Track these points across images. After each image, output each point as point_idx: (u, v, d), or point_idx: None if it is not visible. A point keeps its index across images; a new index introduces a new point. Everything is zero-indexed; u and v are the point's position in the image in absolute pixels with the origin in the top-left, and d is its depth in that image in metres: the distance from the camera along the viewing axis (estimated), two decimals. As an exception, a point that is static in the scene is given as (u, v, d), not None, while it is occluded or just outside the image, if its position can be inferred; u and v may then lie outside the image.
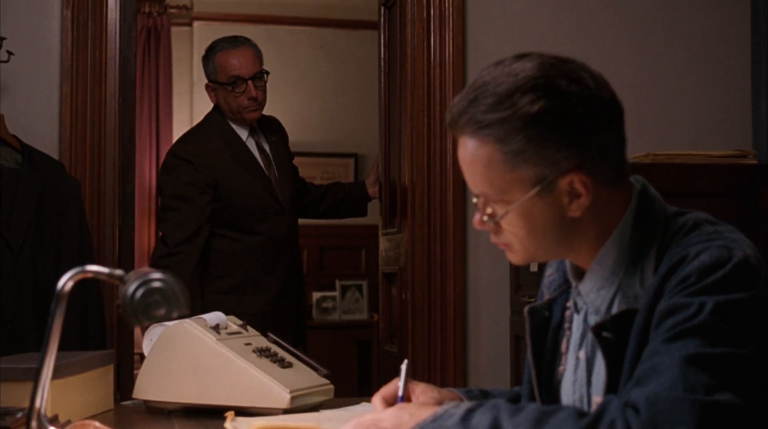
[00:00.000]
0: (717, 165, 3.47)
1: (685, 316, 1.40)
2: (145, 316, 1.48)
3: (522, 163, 1.47)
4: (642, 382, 1.39)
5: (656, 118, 4.01)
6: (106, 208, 3.72)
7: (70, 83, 3.69)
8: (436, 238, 3.87)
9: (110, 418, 2.17)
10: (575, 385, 1.62)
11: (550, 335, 1.69)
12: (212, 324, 2.25)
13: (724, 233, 1.50)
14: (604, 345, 1.53)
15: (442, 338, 3.85)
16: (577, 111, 1.47)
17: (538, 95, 1.46)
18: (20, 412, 1.79)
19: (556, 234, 1.53)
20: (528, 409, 1.41)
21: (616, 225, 1.55)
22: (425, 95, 3.91)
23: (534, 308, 1.71)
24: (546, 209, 1.51)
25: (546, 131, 1.46)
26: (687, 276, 1.44)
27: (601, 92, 1.53)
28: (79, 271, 1.54)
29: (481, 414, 1.43)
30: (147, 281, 1.46)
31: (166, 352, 2.23)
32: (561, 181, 1.48)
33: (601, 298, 1.58)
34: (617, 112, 1.55)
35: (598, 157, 1.50)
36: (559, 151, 1.47)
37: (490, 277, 3.88)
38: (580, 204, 1.50)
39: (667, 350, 1.39)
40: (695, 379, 1.34)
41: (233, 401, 2.12)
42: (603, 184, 1.52)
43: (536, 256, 1.59)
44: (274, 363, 2.21)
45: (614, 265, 1.55)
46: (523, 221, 1.52)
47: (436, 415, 1.47)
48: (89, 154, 3.69)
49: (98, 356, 2.28)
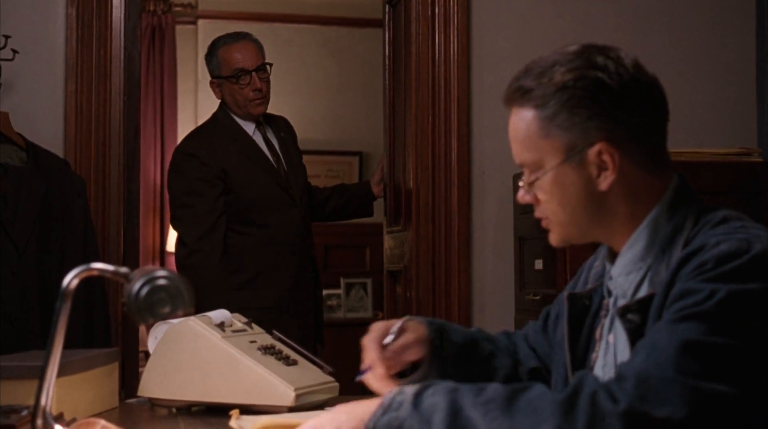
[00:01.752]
0: (722, 163, 3.46)
1: (694, 300, 1.41)
2: (150, 314, 1.49)
3: (554, 129, 1.56)
4: (635, 356, 1.41)
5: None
6: (110, 206, 3.72)
7: (75, 81, 3.69)
8: (441, 237, 3.87)
9: (115, 416, 2.17)
10: (605, 369, 1.64)
11: (587, 322, 1.71)
12: (217, 322, 2.26)
13: (750, 229, 1.52)
14: (628, 327, 1.54)
15: (447, 336, 3.84)
16: (609, 84, 1.55)
17: (575, 66, 1.56)
18: (25, 409, 1.79)
19: (586, 207, 1.59)
20: (492, 388, 1.41)
21: (649, 211, 1.60)
22: (430, 93, 3.91)
23: (574, 295, 1.74)
24: (576, 179, 1.57)
25: (577, 98, 1.55)
26: (704, 262, 1.45)
27: (638, 74, 1.60)
28: (85, 269, 1.54)
29: (433, 396, 1.42)
30: (152, 279, 1.46)
31: (171, 349, 2.23)
32: (590, 151, 1.55)
33: (629, 282, 1.61)
34: (656, 98, 1.63)
35: (629, 135, 1.57)
36: (589, 119, 1.55)
37: (494, 275, 3.88)
38: (607, 176, 1.56)
39: (669, 330, 1.40)
40: (689, 364, 1.34)
41: (238, 399, 2.13)
42: (634, 164, 1.58)
43: (570, 232, 1.64)
44: (279, 361, 2.22)
45: (644, 250, 1.59)
46: (555, 190, 1.59)
47: (384, 406, 1.46)
48: (94, 152, 3.69)
49: (103, 354, 2.29)
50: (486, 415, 1.36)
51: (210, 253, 3.76)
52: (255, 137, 3.98)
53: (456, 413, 1.38)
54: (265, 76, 3.96)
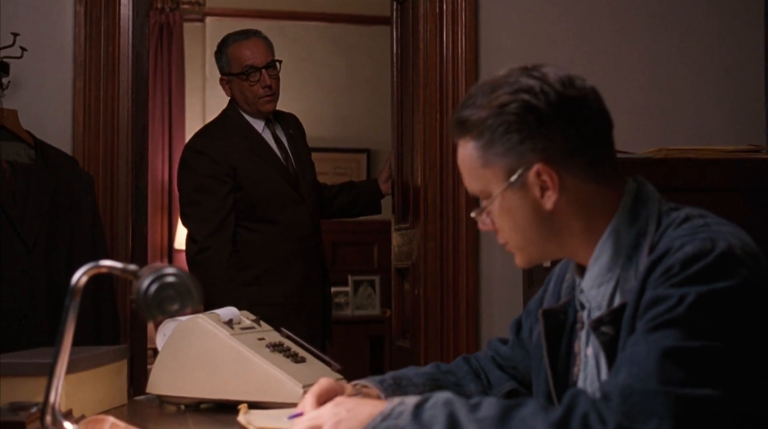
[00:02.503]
0: (730, 160, 3.45)
1: (665, 307, 1.41)
2: (159, 311, 1.49)
3: (493, 157, 1.56)
4: (617, 372, 1.40)
5: (669, 113, 4.00)
6: (119, 203, 3.72)
7: (83, 79, 3.70)
8: (449, 234, 3.87)
9: (124, 412, 2.18)
10: (586, 383, 1.63)
11: (565, 337, 1.70)
12: (225, 319, 2.26)
13: (713, 226, 1.51)
14: (602, 340, 1.53)
15: (455, 334, 3.85)
16: (536, 104, 1.54)
17: (507, 91, 1.56)
18: (35, 406, 1.79)
19: (538, 228, 1.59)
20: (487, 403, 1.40)
21: (608, 222, 1.59)
22: (438, 91, 3.91)
23: (548, 310, 1.72)
24: (522, 203, 1.58)
25: (507, 124, 1.54)
26: (670, 267, 1.45)
27: (565, 89, 1.57)
28: (94, 266, 1.54)
29: (432, 409, 1.42)
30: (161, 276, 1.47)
31: (180, 347, 2.23)
32: (528, 173, 1.55)
33: (601, 294, 1.60)
34: (590, 110, 1.59)
35: (565, 152, 1.56)
36: (521, 142, 1.54)
37: (502, 272, 3.87)
38: (550, 196, 1.56)
39: (646, 341, 1.39)
40: (671, 373, 1.34)
41: (246, 396, 2.13)
42: (577, 178, 1.57)
43: (531, 254, 1.64)
44: (287, 358, 2.22)
45: (610, 261, 1.58)
46: (505, 216, 1.60)
47: (384, 414, 1.46)
48: (102, 149, 3.70)
49: (112, 351, 2.29)
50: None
51: (219, 250, 3.77)
52: (264, 134, 3.99)
53: (454, 427, 1.39)
54: (274, 73, 3.97)
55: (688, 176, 3.29)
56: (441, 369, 1.94)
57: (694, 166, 3.35)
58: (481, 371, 1.96)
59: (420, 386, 1.85)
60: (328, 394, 1.68)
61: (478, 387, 1.91)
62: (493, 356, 1.98)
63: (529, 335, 1.86)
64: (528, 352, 1.88)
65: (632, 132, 3.79)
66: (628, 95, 3.96)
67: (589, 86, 1.61)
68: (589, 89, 1.61)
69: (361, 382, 1.85)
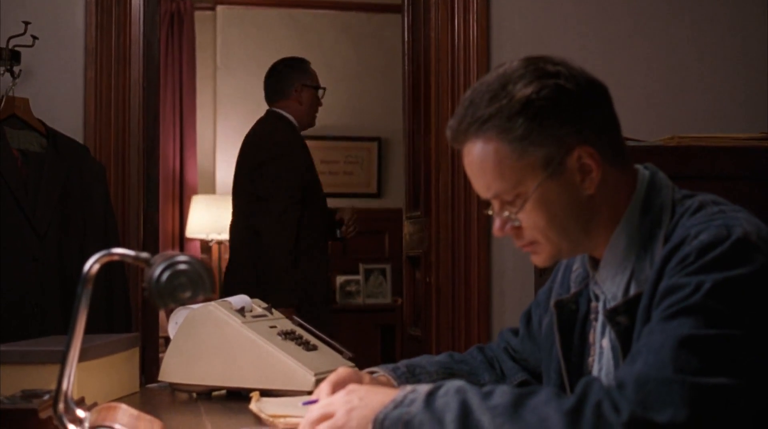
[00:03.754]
0: (742, 148, 3.43)
1: (681, 295, 1.40)
2: (171, 299, 1.49)
3: (528, 148, 1.52)
4: (632, 360, 1.38)
5: (681, 100, 3.98)
6: (130, 192, 3.73)
7: (95, 67, 3.70)
8: (461, 222, 3.87)
9: (136, 400, 2.18)
10: (602, 374, 1.62)
11: (577, 327, 1.69)
12: (237, 307, 2.26)
13: (728, 213, 1.50)
14: (617, 330, 1.53)
15: (467, 322, 3.84)
16: (568, 87, 1.53)
17: (530, 79, 1.53)
18: (47, 394, 1.79)
19: (576, 217, 1.56)
20: (500, 391, 1.39)
21: (624, 211, 1.58)
22: (449, 78, 3.90)
23: (560, 301, 1.71)
24: (561, 191, 1.54)
25: (544, 109, 1.51)
26: (686, 256, 1.44)
27: (587, 74, 1.58)
28: (106, 254, 1.54)
29: (445, 396, 1.41)
30: (173, 264, 1.46)
31: (192, 334, 2.23)
32: (569, 158, 1.53)
33: (616, 284, 1.60)
34: (603, 91, 1.60)
35: (598, 132, 1.55)
36: (561, 127, 1.52)
37: (514, 261, 3.87)
38: (593, 179, 1.54)
39: (661, 330, 1.38)
40: (686, 361, 1.33)
41: (258, 384, 2.13)
42: (607, 161, 1.56)
43: (561, 248, 1.60)
44: (299, 346, 2.22)
45: (625, 250, 1.58)
46: (542, 209, 1.55)
47: (396, 401, 1.45)
48: (113, 138, 3.70)
49: (124, 339, 2.29)
50: (494, 419, 1.35)
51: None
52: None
53: (467, 415, 1.37)
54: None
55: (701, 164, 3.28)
56: (455, 358, 1.94)
57: (706, 154, 3.33)
58: (495, 361, 1.95)
59: (433, 374, 1.85)
60: (345, 383, 1.68)
61: (491, 377, 1.90)
62: (505, 347, 1.98)
63: (539, 326, 1.86)
64: (538, 345, 1.87)
65: (644, 119, 3.77)
66: (640, 83, 3.94)
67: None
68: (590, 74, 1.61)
69: (374, 370, 1.85)
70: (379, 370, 1.84)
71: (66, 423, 1.52)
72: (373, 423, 1.44)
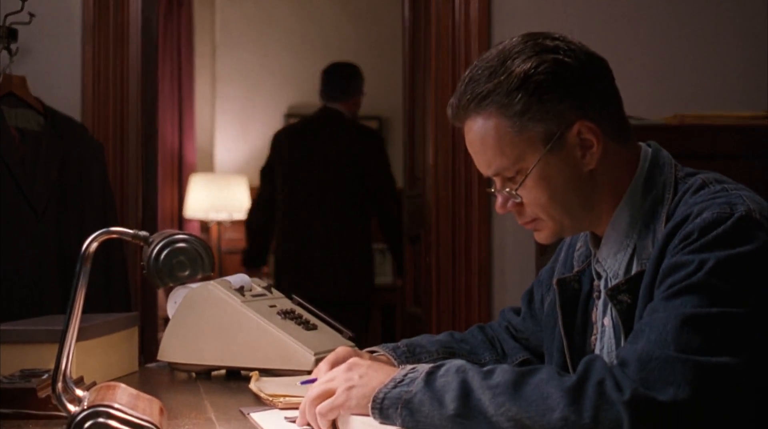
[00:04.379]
0: (745, 126, 3.42)
1: (684, 273, 1.39)
2: (170, 278, 1.48)
3: (528, 123, 1.52)
4: (635, 339, 1.38)
5: (684, 79, 3.96)
6: (129, 171, 3.71)
7: (92, 45, 3.67)
8: (461, 201, 3.85)
9: (135, 380, 2.17)
10: (603, 352, 1.62)
11: (580, 306, 1.68)
12: (236, 286, 2.25)
13: (731, 191, 1.49)
14: (619, 309, 1.52)
15: (467, 301, 3.83)
16: (567, 62, 1.53)
17: (528, 55, 1.53)
18: (46, 373, 1.79)
19: (577, 192, 1.56)
20: (500, 370, 1.38)
21: (627, 187, 1.58)
22: (450, 56, 3.87)
23: (562, 280, 1.71)
24: (562, 166, 1.54)
25: (544, 85, 1.51)
26: (689, 234, 1.43)
27: (586, 48, 1.58)
28: (104, 232, 1.53)
29: (445, 376, 1.40)
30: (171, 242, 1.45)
31: (191, 314, 2.22)
32: (569, 133, 1.53)
33: (618, 262, 1.59)
34: (603, 66, 1.60)
35: (598, 107, 1.55)
36: (560, 102, 1.52)
37: (515, 240, 3.85)
38: (593, 154, 1.54)
39: (664, 308, 1.37)
40: (689, 340, 1.32)
41: (258, 363, 2.12)
42: (608, 136, 1.56)
43: (563, 224, 1.60)
44: (298, 325, 2.21)
45: (627, 228, 1.58)
46: (543, 185, 1.55)
47: (396, 380, 1.44)
48: (112, 116, 3.68)
49: (123, 318, 2.28)
50: (494, 398, 1.34)
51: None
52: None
53: (467, 395, 1.36)
54: None
55: (703, 143, 3.27)
56: (455, 337, 1.93)
57: (708, 133, 3.32)
58: (496, 340, 1.94)
59: (434, 354, 1.84)
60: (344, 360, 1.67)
61: (492, 356, 1.89)
62: (507, 326, 1.97)
63: (541, 306, 1.85)
64: (540, 324, 1.87)
65: (646, 98, 3.75)
66: (642, 60, 3.92)
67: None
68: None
69: (374, 349, 1.84)
70: (380, 350, 1.83)
71: (65, 402, 1.51)
72: (372, 401, 1.43)
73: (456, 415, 1.35)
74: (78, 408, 1.49)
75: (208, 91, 7.36)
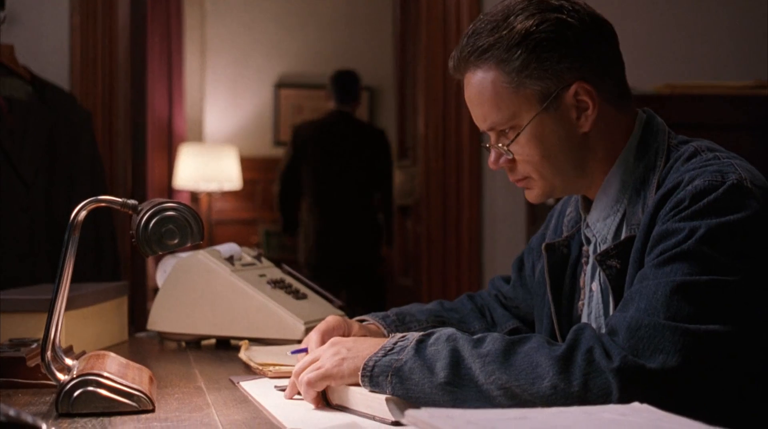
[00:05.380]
0: (736, 96, 3.41)
1: (675, 241, 1.39)
2: (159, 246, 1.47)
3: (525, 80, 1.52)
4: (625, 306, 1.38)
5: (675, 48, 3.95)
6: (118, 140, 3.70)
7: (81, 14, 3.65)
8: (452, 171, 3.85)
9: (125, 349, 2.17)
10: (591, 318, 1.62)
11: (568, 271, 1.68)
12: (226, 255, 2.24)
13: (722, 159, 1.49)
14: (608, 274, 1.52)
15: (457, 271, 3.84)
16: (570, 22, 1.53)
17: (531, 12, 1.53)
18: (35, 342, 1.78)
19: (570, 154, 1.56)
20: (491, 339, 1.38)
21: (620, 152, 1.58)
22: (441, 26, 3.86)
23: (551, 245, 1.71)
24: (556, 127, 1.54)
25: (544, 43, 1.52)
26: (680, 201, 1.43)
27: (591, 9, 1.58)
28: (93, 201, 1.52)
29: (435, 344, 1.40)
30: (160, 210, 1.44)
31: (180, 283, 2.22)
32: (566, 94, 1.53)
33: (607, 227, 1.60)
34: (608, 28, 1.59)
35: (599, 69, 1.55)
36: (559, 62, 1.52)
37: (505, 209, 3.85)
38: (588, 116, 1.54)
39: (654, 276, 1.37)
40: (679, 308, 1.32)
41: (247, 332, 2.12)
42: (607, 100, 1.56)
43: (554, 184, 1.60)
44: (288, 294, 2.20)
45: (618, 193, 1.58)
46: (536, 143, 1.55)
47: (386, 349, 1.43)
48: (100, 85, 3.66)
49: (112, 288, 2.28)
50: (484, 367, 1.34)
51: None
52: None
53: (457, 363, 1.36)
54: None
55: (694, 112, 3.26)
56: (445, 306, 1.93)
57: (699, 102, 3.31)
58: (485, 309, 1.94)
59: (423, 323, 1.84)
60: (335, 332, 1.66)
61: (482, 324, 1.89)
62: (496, 294, 1.97)
63: (532, 273, 1.85)
64: (529, 291, 1.87)
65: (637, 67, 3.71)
66: (633, 30, 3.91)
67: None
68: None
69: (364, 318, 1.84)
70: (369, 318, 1.83)
71: (54, 371, 1.51)
72: (363, 369, 1.42)
73: (446, 383, 1.35)
74: (67, 377, 1.49)
75: (198, 61, 7.32)
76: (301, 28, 7.17)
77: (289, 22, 7.24)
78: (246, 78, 7.37)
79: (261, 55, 7.32)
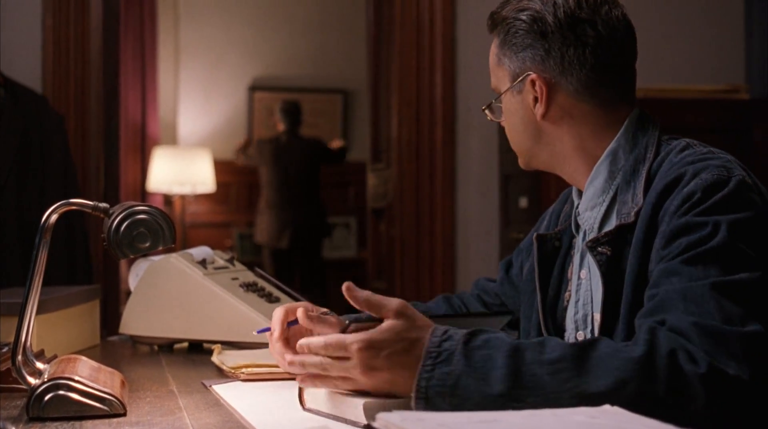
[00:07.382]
0: (708, 100, 3.44)
1: (701, 236, 1.38)
2: (130, 249, 1.46)
3: (503, 58, 1.67)
4: (666, 306, 1.34)
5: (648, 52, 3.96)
6: (90, 142, 3.68)
7: (53, 15, 3.63)
8: (425, 174, 3.85)
9: (97, 353, 2.16)
10: (578, 305, 1.63)
11: (558, 263, 1.71)
12: (199, 259, 2.23)
13: (717, 153, 1.51)
14: (598, 260, 1.53)
15: (431, 274, 3.84)
16: (545, 18, 1.62)
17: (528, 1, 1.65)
18: (6, 346, 1.77)
19: (528, 135, 1.68)
20: (554, 344, 1.28)
21: (604, 145, 1.62)
22: (414, 29, 3.86)
23: (543, 235, 1.74)
24: (518, 108, 1.67)
25: (515, 30, 1.64)
26: (691, 193, 1.43)
27: (578, 11, 1.62)
28: (64, 204, 1.51)
29: (485, 348, 1.27)
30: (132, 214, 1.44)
31: (153, 286, 2.21)
32: (527, 80, 1.64)
33: (593, 216, 1.63)
34: (593, 34, 1.61)
35: (561, 68, 1.62)
36: (523, 50, 1.63)
37: (478, 213, 3.86)
38: (538, 107, 1.64)
39: (689, 274, 1.36)
40: (730, 311, 1.31)
41: (220, 336, 2.11)
42: (571, 97, 1.62)
43: (524, 157, 1.72)
44: (261, 298, 2.20)
45: (605, 183, 1.61)
46: (507, 117, 1.70)
47: (433, 356, 1.27)
48: (73, 86, 3.64)
49: (84, 291, 2.27)
50: (556, 374, 1.24)
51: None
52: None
53: (517, 371, 1.25)
54: None
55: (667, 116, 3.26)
56: (419, 307, 1.92)
57: (673, 106, 3.34)
58: (462, 309, 1.94)
59: None
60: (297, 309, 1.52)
61: None
62: (479, 294, 1.98)
63: (520, 271, 1.87)
64: (516, 288, 1.89)
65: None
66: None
67: (617, 15, 1.64)
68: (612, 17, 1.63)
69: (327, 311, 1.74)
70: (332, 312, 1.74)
71: (25, 375, 1.50)
72: (416, 392, 1.26)
73: (504, 394, 1.24)
74: (38, 381, 1.48)
75: (172, 64, 7.30)
76: (275, 31, 7.15)
77: (264, 25, 7.23)
78: (220, 81, 7.35)
79: (235, 58, 7.30)
